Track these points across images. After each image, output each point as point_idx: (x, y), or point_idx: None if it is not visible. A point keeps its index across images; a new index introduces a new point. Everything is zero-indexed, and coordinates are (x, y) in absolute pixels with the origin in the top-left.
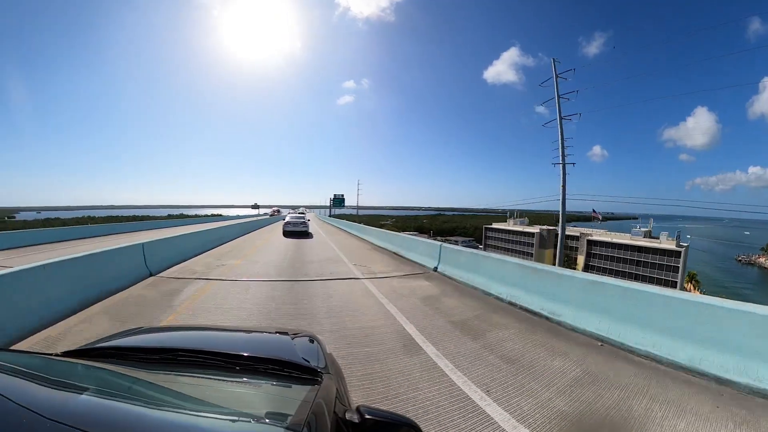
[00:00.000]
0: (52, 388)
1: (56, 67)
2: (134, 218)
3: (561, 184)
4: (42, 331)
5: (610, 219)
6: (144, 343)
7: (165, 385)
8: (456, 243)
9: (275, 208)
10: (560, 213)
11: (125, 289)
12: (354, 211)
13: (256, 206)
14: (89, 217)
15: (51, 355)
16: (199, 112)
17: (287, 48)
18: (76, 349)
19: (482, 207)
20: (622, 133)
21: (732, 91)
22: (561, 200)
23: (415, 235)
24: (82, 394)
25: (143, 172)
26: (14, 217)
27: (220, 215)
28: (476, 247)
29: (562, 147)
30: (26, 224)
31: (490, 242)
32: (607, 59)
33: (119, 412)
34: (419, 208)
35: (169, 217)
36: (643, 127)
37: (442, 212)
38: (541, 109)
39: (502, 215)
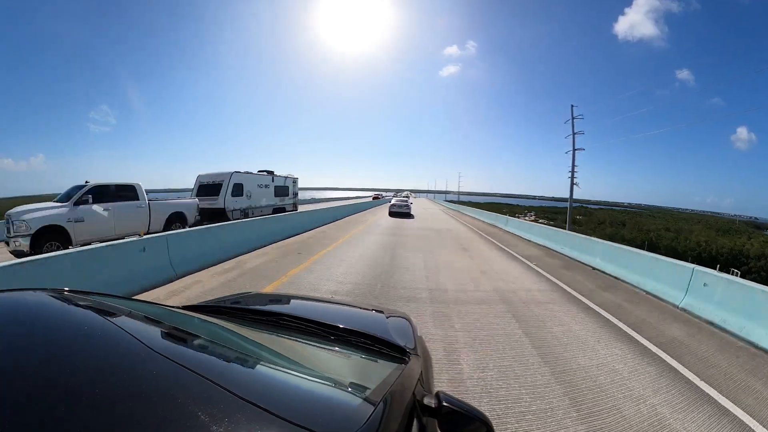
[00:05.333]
0: (170, 333)
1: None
2: None
3: None
4: None
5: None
6: (253, 306)
7: (265, 343)
8: None
9: (377, 193)
10: None
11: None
12: (457, 197)
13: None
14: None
15: (173, 307)
16: (292, 101)
17: (379, 21)
18: (194, 304)
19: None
20: None
21: None
22: None
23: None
24: (194, 340)
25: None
26: None
27: None
28: None
29: None
30: None
31: None
32: None
33: (221, 359)
34: (533, 197)
35: None
36: None
37: (583, 204)
38: (684, 74)
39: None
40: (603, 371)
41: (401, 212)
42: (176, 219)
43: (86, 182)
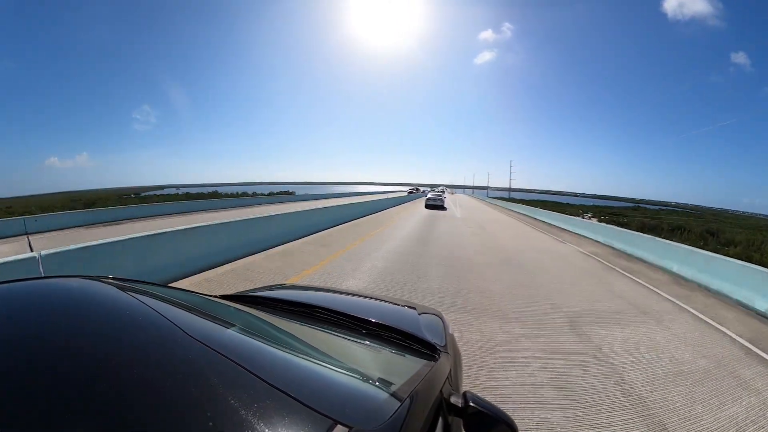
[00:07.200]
0: (206, 320)
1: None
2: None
3: None
4: None
5: None
6: (287, 297)
7: (297, 334)
8: None
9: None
10: None
11: None
12: (506, 194)
13: None
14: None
15: (210, 296)
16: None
17: (407, 10)
18: (230, 294)
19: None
20: None
21: None
22: None
23: None
24: (229, 328)
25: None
26: (139, 194)
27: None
28: None
29: None
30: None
31: None
32: None
33: (254, 347)
34: (574, 194)
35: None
36: None
37: (638, 204)
38: (740, 57)
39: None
40: None
41: (436, 205)
42: None
43: None
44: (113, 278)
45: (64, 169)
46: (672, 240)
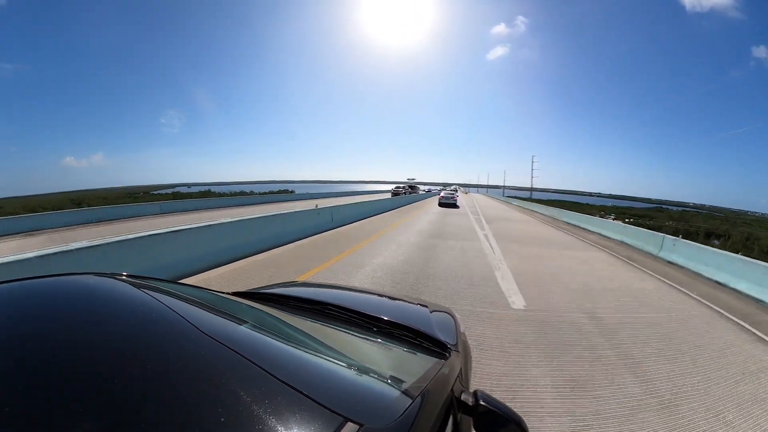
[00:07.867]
0: (219, 317)
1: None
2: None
3: None
4: None
5: None
6: (299, 294)
7: (308, 331)
8: None
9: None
10: None
11: None
12: (522, 193)
13: None
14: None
15: (223, 293)
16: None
17: (416, 6)
18: (242, 291)
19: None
20: None
21: None
22: None
23: None
24: (241, 325)
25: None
26: (147, 193)
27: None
28: None
29: None
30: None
31: None
32: None
33: (266, 344)
34: (589, 194)
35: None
36: None
37: (662, 205)
38: (761, 51)
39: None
40: None
41: (448, 203)
42: None
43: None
44: (127, 275)
45: (79, 168)
46: (710, 246)
